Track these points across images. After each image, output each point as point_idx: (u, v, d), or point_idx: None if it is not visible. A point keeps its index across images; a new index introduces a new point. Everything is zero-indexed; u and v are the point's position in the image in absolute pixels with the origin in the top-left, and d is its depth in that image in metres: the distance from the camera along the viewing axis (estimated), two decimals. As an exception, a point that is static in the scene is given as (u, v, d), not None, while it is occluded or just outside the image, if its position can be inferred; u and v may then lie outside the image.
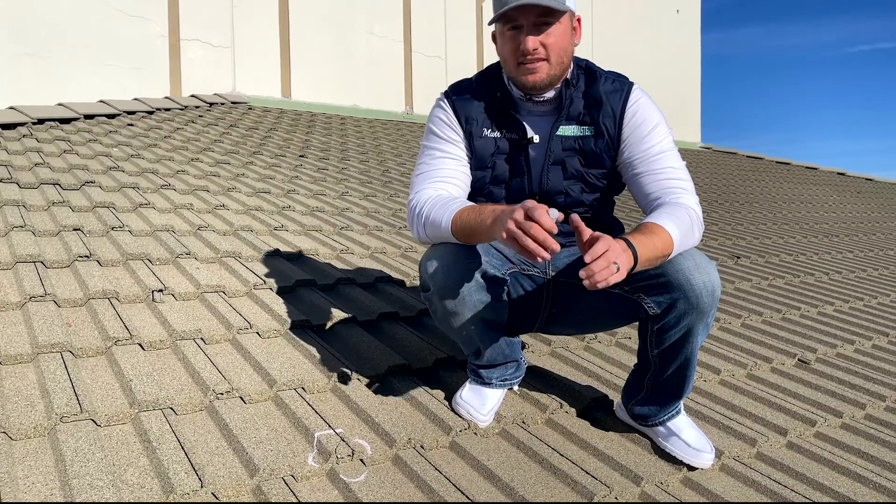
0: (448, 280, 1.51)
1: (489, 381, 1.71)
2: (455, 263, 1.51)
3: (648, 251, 1.35)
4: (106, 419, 1.44)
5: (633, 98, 1.60)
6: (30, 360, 1.63)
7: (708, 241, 4.28)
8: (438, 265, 1.52)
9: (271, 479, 1.34)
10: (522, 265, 1.69)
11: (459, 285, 1.52)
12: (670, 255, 1.41)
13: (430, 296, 1.57)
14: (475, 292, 1.54)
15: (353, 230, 3.18)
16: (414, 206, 1.58)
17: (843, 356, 2.55)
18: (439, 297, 1.54)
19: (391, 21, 7.82)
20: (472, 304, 1.55)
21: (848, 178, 9.74)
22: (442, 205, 1.52)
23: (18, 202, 2.67)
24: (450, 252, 1.52)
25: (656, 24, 10.65)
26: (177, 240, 2.56)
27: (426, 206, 1.55)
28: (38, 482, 1.24)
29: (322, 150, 5.14)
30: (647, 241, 1.35)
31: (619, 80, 1.63)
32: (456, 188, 1.61)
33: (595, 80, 1.61)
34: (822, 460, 1.73)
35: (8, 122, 4.33)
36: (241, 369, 1.74)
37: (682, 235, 1.42)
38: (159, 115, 5.49)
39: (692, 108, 11.19)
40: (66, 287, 2.02)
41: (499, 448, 1.59)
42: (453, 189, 1.60)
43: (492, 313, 1.60)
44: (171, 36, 6.26)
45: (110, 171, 3.46)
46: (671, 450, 1.62)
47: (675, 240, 1.40)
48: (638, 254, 1.32)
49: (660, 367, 1.59)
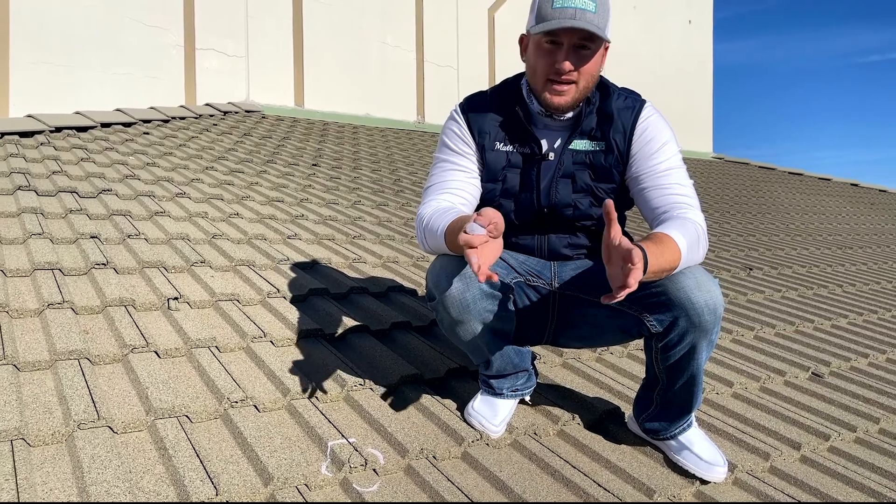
0: (453, 289, 1.53)
1: (500, 392, 1.72)
2: (459, 272, 1.53)
3: (658, 261, 1.34)
4: (123, 426, 1.46)
5: (643, 115, 1.61)
6: (48, 366, 1.65)
7: (720, 252, 4.27)
8: (443, 274, 1.53)
9: (285, 488, 1.35)
10: (527, 276, 1.70)
11: (464, 294, 1.53)
12: (677, 267, 1.40)
13: (436, 305, 1.58)
14: (480, 300, 1.55)
15: (365, 239, 3.20)
16: (420, 217, 1.60)
17: (857, 369, 2.54)
18: (445, 307, 1.55)
19: (404, 31, 7.87)
20: (477, 312, 1.56)
21: (861, 189, 9.68)
22: (440, 215, 1.54)
23: (37, 210, 2.71)
24: (454, 261, 1.53)
25: (668, 34, 10.65)
26: (192, 248, 2.59)
27: (428, 217, 1.57)
28: (56, 488, 1.26)
29: (334, 158, 5.17)
30: (657, 251, 1.34)
31: (632, 97, 1.64)
32: (462, 200, 1.63)
33: (608, 96, 1.62)
34: (836, 475, 1.72)
35: (26, 130, 4.39)
36: (255, 378, 1.75)
37: (689, 249, 1.42)
38: (174, 123, 5.55)
39: (704, 117, 11.16)
40: (84, 294, 2.05)
41: (511, 459, 1.60)
42: (458, 200, 1.62)
43: (498, 322, 1.60)
44: (187, 45, 6.33)
45: (126, 180, 3.50)
46: (683, 463, 1.62)
47: (682, 252, 1.39)
48: (648, 262, 1.31)
49: (667, 382, 1.59)
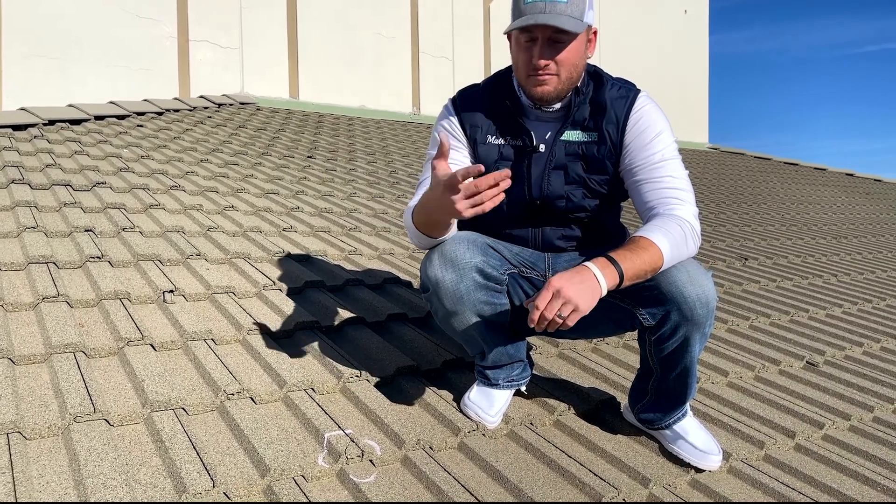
0: (446, 280, 1.53)
1: (496, 383, 1.72)
2: (453, 263, 1.53)
3: (634, 267, 1.37)
4: (119, 419, 1.46)
5: (637, 105, 1.60)
6: (43, 360, 1.65)
7: (715, 243, 4.28)
8: (437, 265, 1.54)
9: (282, 480, 1.36)
10: (521, 267, 1.70)
11: (457, 285, 1.53)
12: (661, 268, 1.42)
13: (430, 296, 1.59)
14: (474, 291, 1.55)
15: (361, 231, 3.19)
16: (406, 214, 1.61)
17: (851, 358, 2.55)
18: (439, 298, 1.56)
19: (399, 22, 7.84)
20: (471, 303, 1.56)
21: (856, 179, 9.70)
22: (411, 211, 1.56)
23: (30, 203, 2.70)
24: (448, 252, 1.53)
25: (664, 24, 10.63)
26: (187, 241, 2.58)
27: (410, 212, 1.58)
28: (52, 481, 1.26)
29: (330, 150, 5.16)
30: (632, 257, 1.37)
31: (626, 86, 1.63)
32: None
33: (602, 86, 1.61)
34: (830, 463, 1.73)
35: (19, 123, 4.37)
36: (251, 370, 1.75)
37: (672, 248, 1.42)
38: (168, 116, 5.52)
39: (700, 108, 11.16)
40: (79, 288, 2.04)
41: (507, 449, 1.60)
42: None
43: (493, 313, 1.61)
44: (180, 37, 6.29)
45: (121, 172, 3.48)
46: (679, 452, 1.63)
47: (664, 253, 1.41)
48: (623, 269, 1.35)
49: (661, 374, 1.60)
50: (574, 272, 1.33)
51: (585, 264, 1.35)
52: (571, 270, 1.34)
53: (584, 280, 1.31)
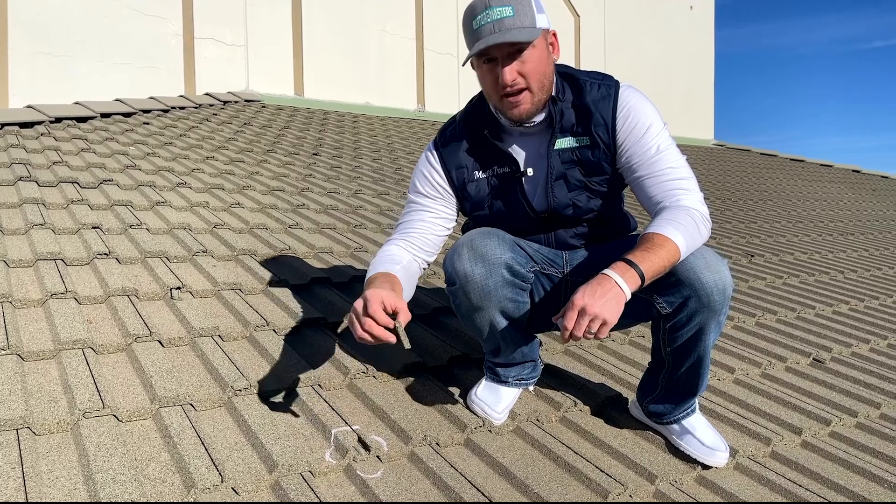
0: (475, 274, 1.53)
1: (505, 380, 1.72)
2: (483, 258, 1.53)
3: (654, 266, 1.39)
4: (128, 415, 1.47)
5: (621, 102, 1.57)
6: (52, 356, 1.66)
7: (721, 240, 4.27)
8: (467, 259, 1.53)
9: (290, 475, 1.36)
10: (542, 265, 1.70)
11: (486, 280, 1.53)
12: (678, 261, 1.44)
13: (456, 290, 1.58)
14: (501, 287, 1.55)
15: (366, 228, 3.20)
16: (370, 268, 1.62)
17: (858, 355, 2.54)
18: (465, 292, 1.55)
19: (403, 18, 7.83)
20: (497, 299, 1.56)
21: (863, 176, 9.65)
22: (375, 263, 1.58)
23: (38, 200, 2.71)
24: (478, 246, 1.53)
25: (669, 20, 10.59)
26: (193, 238, 2.59)
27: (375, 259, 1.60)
28: (62, 476, 1.26)
29: (335, 148, 5.16)
30: (650, 257, 1.39)
31: (605, 84, 1.59)
32: (420, 244, 1.66)
33: (580, 89, 1.58)
34: (837, 459, 1.73)
35: (26, 120, 4.39)
36: (258, 366, 1.76)
37: (687, 239, 1.43)
38: (174, 113, 5.53)
39: (705, 104, 11.12)
40: (87, 284, 2.05)
41: (513, 445, 1.60)
42: (413, 247, 1.65)
43: (515, 310, 1.61)
44: (186, 34, 6.30)
45: (127, 170, 3.50)
46: (686, 448, 1.63)
47: (680, 246, 1.42)
48: (643, 271, 1.37)
49: (673, 364, 1.59)
50: (596, 284, 1.34)
51: (605, 273, 1.36)
52: (593, 282, 1.35)
53: (606, 291, 1.32)
